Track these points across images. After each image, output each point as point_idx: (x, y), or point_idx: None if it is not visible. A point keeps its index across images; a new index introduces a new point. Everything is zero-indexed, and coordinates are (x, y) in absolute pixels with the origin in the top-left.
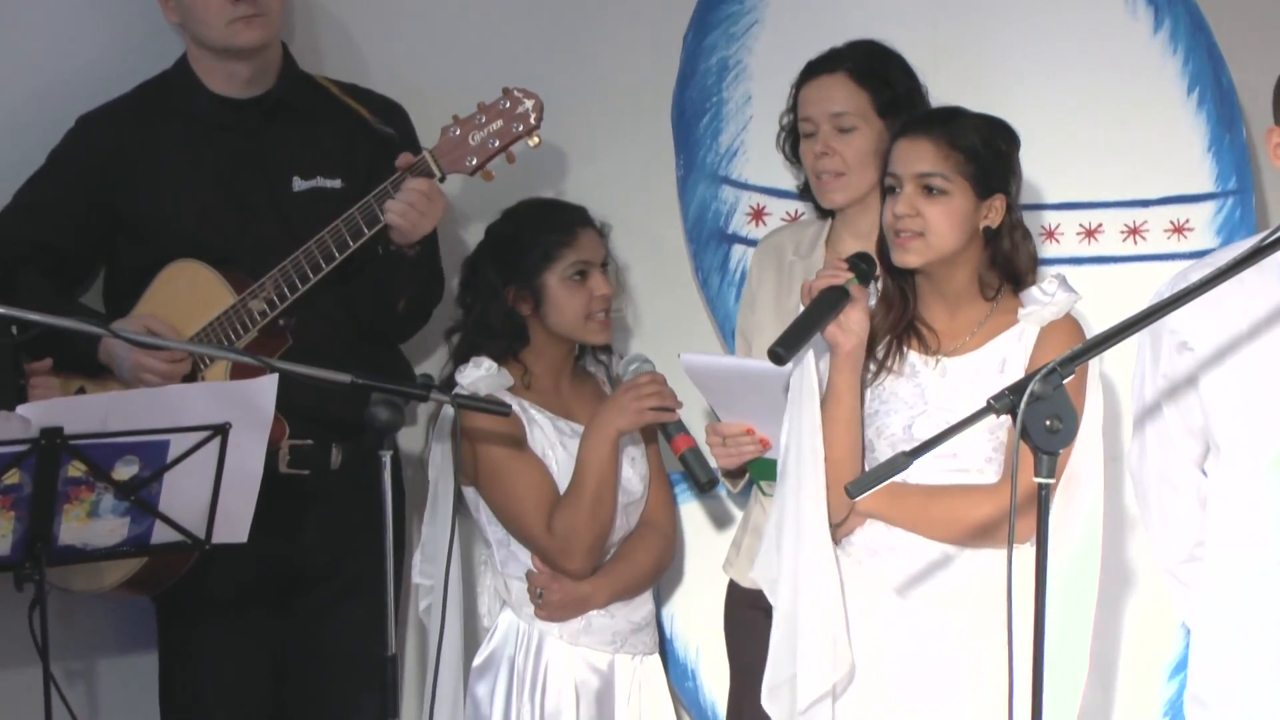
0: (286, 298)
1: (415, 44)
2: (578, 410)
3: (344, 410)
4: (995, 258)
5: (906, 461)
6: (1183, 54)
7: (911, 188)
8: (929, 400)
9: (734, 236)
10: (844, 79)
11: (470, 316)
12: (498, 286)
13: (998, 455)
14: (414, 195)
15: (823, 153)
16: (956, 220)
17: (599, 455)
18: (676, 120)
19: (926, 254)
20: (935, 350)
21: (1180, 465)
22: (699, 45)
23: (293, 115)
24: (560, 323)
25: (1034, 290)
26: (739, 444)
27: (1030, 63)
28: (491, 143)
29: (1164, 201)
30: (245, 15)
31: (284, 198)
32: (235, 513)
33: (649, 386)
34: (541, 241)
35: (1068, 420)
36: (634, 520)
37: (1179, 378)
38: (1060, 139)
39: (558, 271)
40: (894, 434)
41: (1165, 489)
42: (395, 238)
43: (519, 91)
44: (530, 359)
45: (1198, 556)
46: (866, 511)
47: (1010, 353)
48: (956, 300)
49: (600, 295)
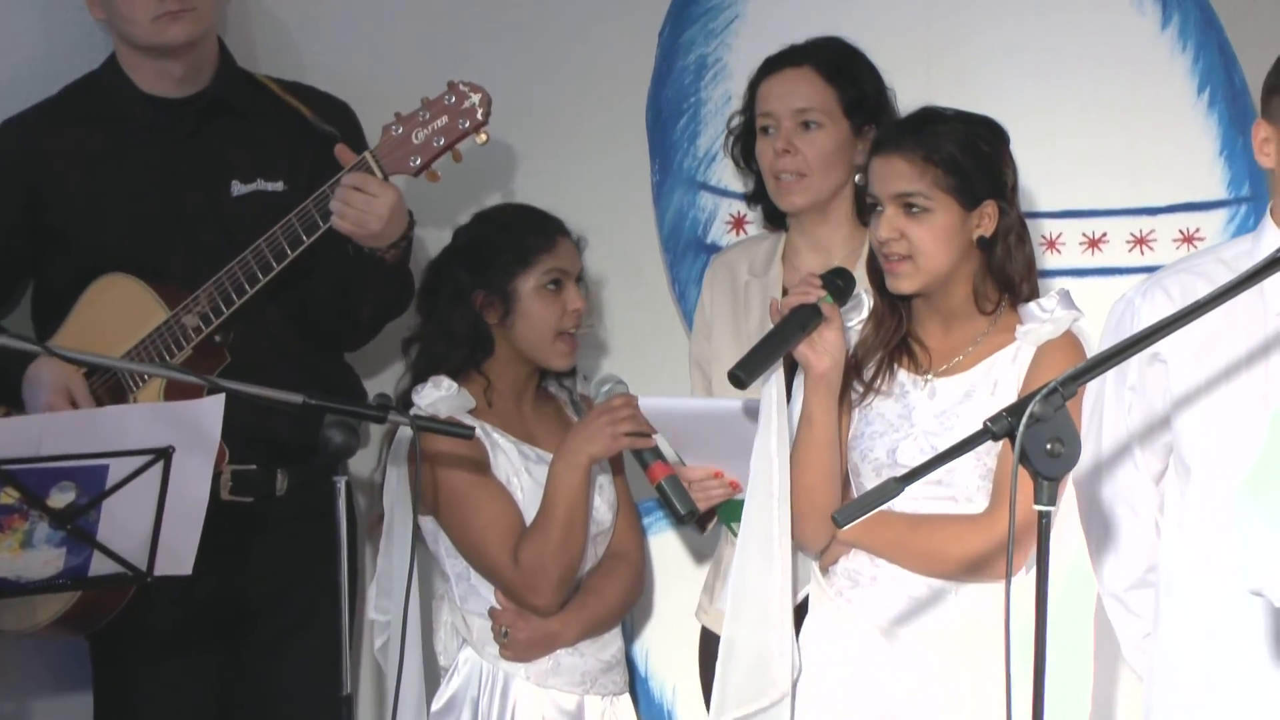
0: (222, 311)
1: (365, 40)
2: (541, 435)
3: (289, 431)
4: (991, 266)
5: (897, 488)
6: (1192, 51)
7: (892, 209)
8: (915, 422)
9: (713, 247)
10: (810, 73)
11: (431, 322)
12: (466, 289)
13: (986, 483)
14: (346, 193)
15: (784, 150)
16: (944, 238)
17: (569, 483)
18: (651, 122)
19: (918, 278)
20: (926, 369)
21: (1140, 484)
22: (675, 42)
23: (231, 115)
24: (528, 335)
25: (1032, 306)
26: (706, 488)
27: (1029, 61)
28: (436, 140)
29: (1172, 209)
30: (172, 10)
31: (222, 203)
32: (179, 543)
33: (623, 410)
34: (517, 244)
35: (1070, 443)
36: (601, 551)
37: (1148, 391)
38: (1061, 142)
39: (533, 278)
40: (878, 458)
41: (1120, 508)
42: (360, 241)
43: (464, 85)
44: (494, 374)
45: (1149, 582)
46: (846, 540)
47: (1003, 374)
48: (952, 316)
49: (574, 309)
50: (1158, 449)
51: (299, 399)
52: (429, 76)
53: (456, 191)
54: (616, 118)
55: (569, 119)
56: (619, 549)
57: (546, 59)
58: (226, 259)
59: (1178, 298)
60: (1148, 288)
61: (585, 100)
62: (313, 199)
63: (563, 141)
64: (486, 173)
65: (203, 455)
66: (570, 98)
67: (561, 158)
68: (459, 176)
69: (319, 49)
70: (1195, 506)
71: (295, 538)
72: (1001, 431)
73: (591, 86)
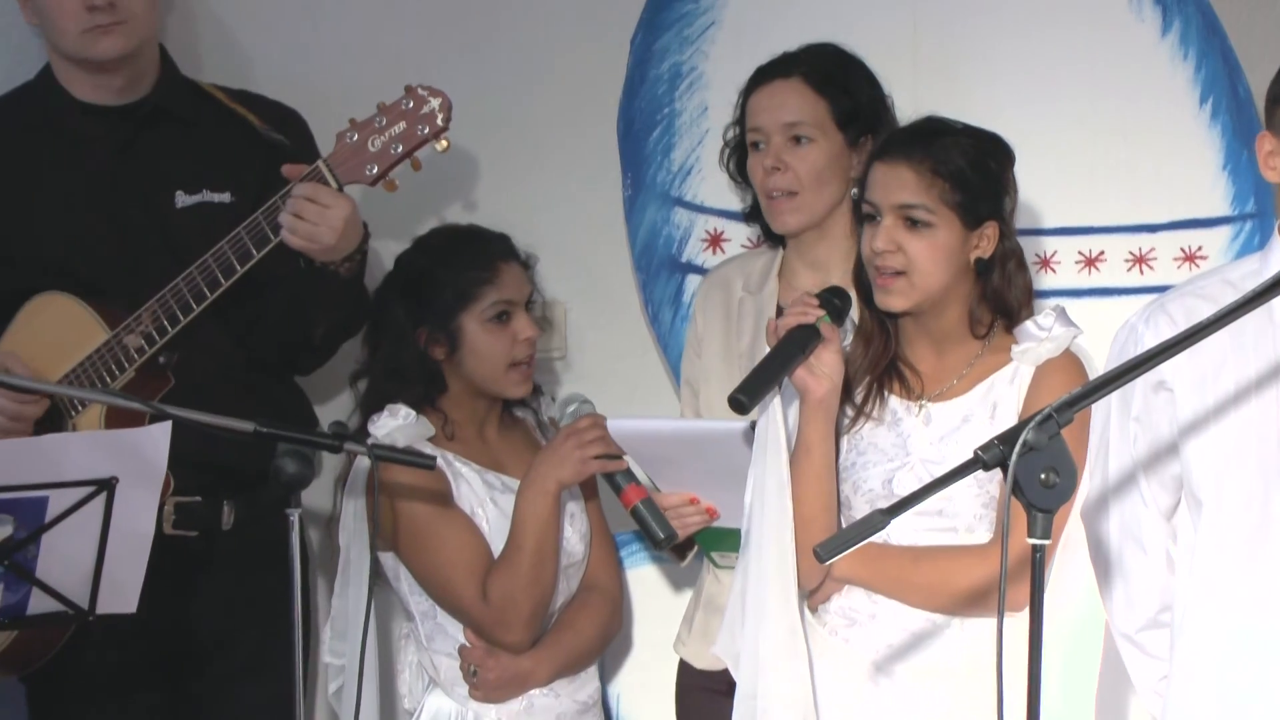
0: (167, 331)
1: (319, 44)
2: (508, 462)
3: (237, 460)
4: (986, 291)
5: (883, 520)
6: (1194, 60)
7: (891, 220)
8: (911, 451)
9: (688, 266)
10: (799, 85)
11: (378, 360)
12: (408, 328)
13: (988, 512)
14: (299, 204)
15: (774, 167)
16: (942, 255)
17: (538, 512)
18: (623, 134)
19: (911, 295)
20: (919, 394)
21: (1148, 519)
22: (649, 49)
23: (174, 123)
24: (478, 369)
25: (1028, 325)
26: (683, 515)
27: (1022, 71)
28: (394, 148)
29: (1173, 226)
30: (102, 24)
31: (166, 215)
32: (123, 579)
33: (591, 431)
34: (458, 279)
35: (1065, 474)
36: (575, 585)
37: (1153, 420)
38: (1056, 156)
39: (476, 313)
40: (872, 489)
41: (1129, 545)
42: (313, 255)
43: (423, 89)
44: (449, 407)
45: (1163, 623)
46: (842, 576)
47: (1002, 396)
48: (944, 339)
49: (525, 339)
50: (1167, 481)
51: (250, 426)
52: (386, 81)
53: (415, 202)
54: (586, 128)
55: (536, 130)
56: (593, 581)
57: (512, 64)
58: (171, 275)
59: (1181, 322)
60: (1150, 312)
61: (553, 110)
62: (262, 211)
63: (529, 154)
64: (447, 183)
65: (147, 486)
66: (537, 107)
67: (528, 170)
68: (418, 186)
69: (269, 53)
70: (1207, 540)
71: (243, 575)
72: (993, 461)
73: (560, 95)
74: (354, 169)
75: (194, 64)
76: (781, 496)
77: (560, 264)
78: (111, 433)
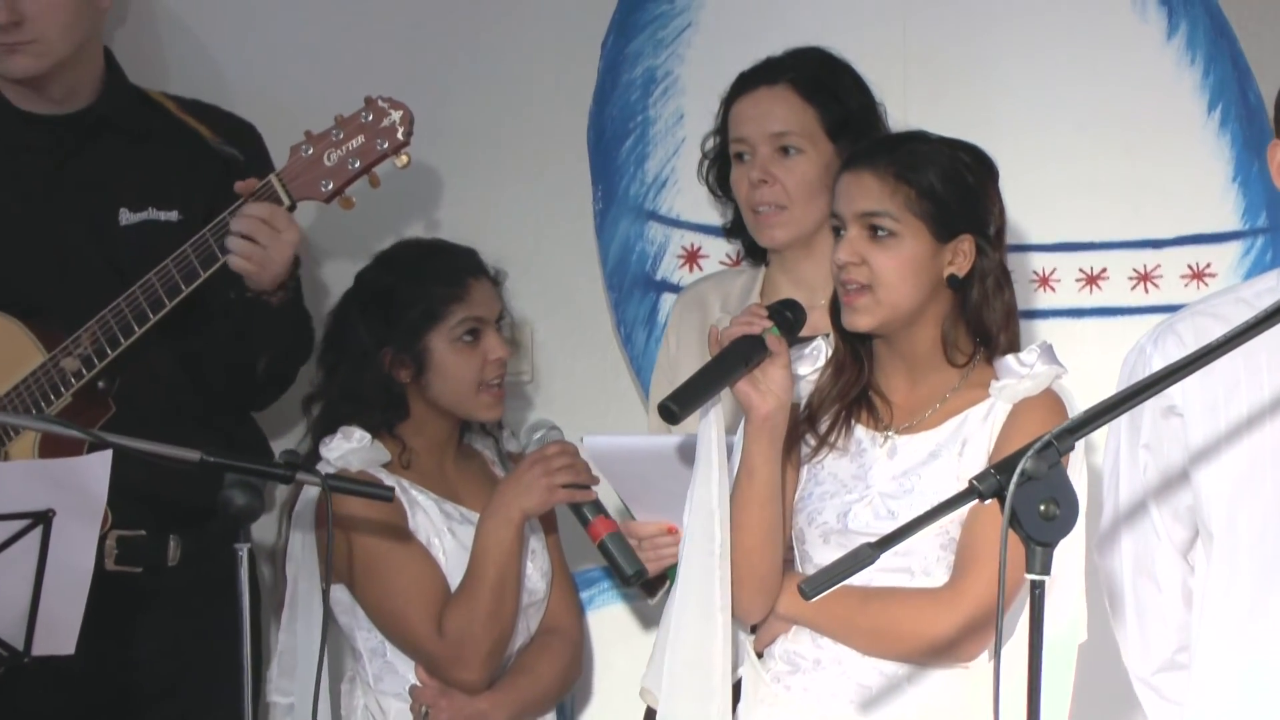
0: (107, 354)
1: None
2: (465, 493)
3: (183, 493)
4: (963, 311)
5: (871, 555)
6: (1202, 64)
7: (855, 230)
8: (870, 483)
9: (663, 284)
10: (786, 92)
11: (335, 382)
12: (371, 348)
13: (946, 554)
14: (252, 225)
15: (760, 180)
16: (909, 269)
17: (500, 543)
18: (594, 143)
19: (877, 312)
20: (888, 425)
21: (1162, 554)
22: (621, 53)
23: (119, 135)
24: (446, 392)
25: (1010, 360)
26: (657, 547)
27: (1019, 74)
28: (351, 163)
29: (1180, 242)
30: (6, 43)
31: (109, 233)
32: (60, 618)
33: (559, 459)
34: (424, 296)
35: (1066, 505)
36: (534, 625)
37: (1163, 448)
38: (1055, 166)
39: (444, 332)
40: (826, 522)
41: (1142, 581)
42: (248, 281)
43: (383, 101)
44: (409, 434)
45: (1180, 664)
46: (786, 615)
47: (973, 433)
48: (919, 367)
49: (495, 359)
50: (1180, 513)
51: (195, 455)
52: (344, 91)
53: (372, 221)
54: (554, 138)
55: (500, 141)
56: (554, 624)
57: (475, 72)
58: (113, 295)
59: (1191, 343)
60: (1160, 333)
61: (519, 120)
62: (210, 228)
63: (492, 165)
64: (407, 200)
65: (86, 519)
66: (502, 116)
67: (491, 183)
68: (376, 204)
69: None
70: (1219, 574)
71: (191, 614)
72: (989, 491)
73: (526, 103)
74: (308, 185)
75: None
76: (724, 516)
77: (527, 282)
78: (47, 462)
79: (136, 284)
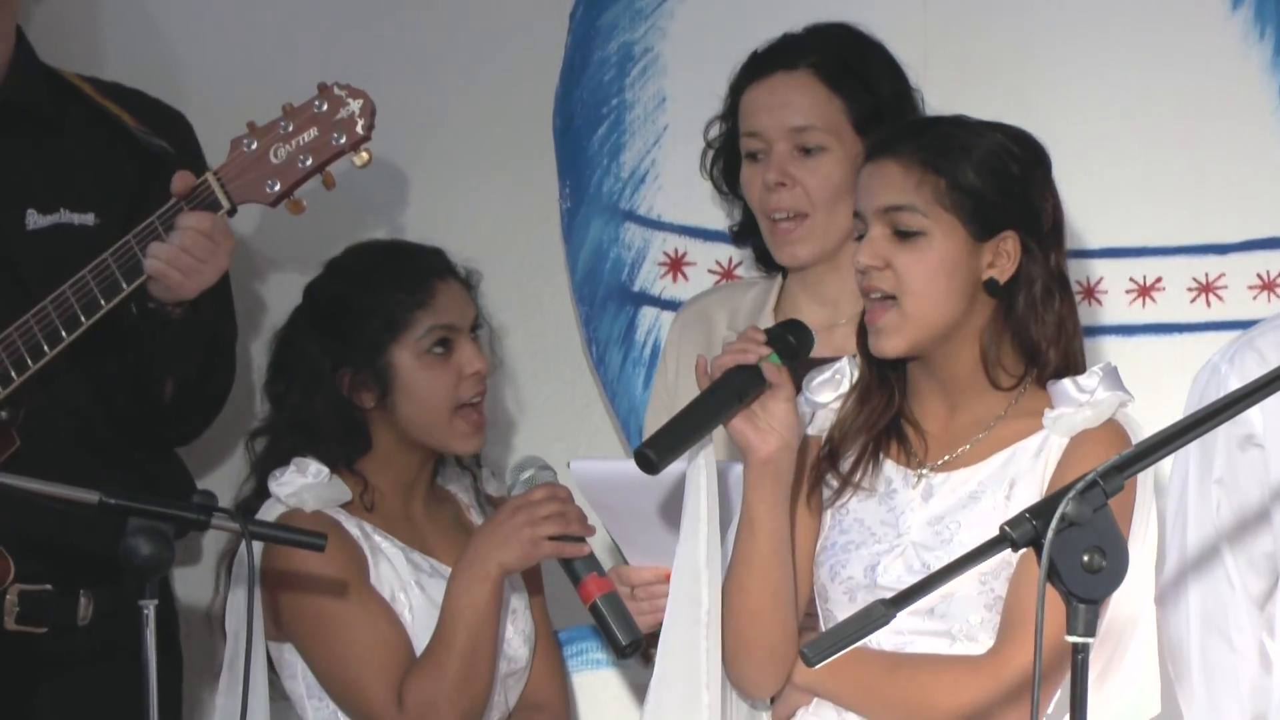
0: (12, 380)
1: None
2: (435, 541)
3: (96, 543)
4: (1008, 323)
5: (886, 614)
6: (1273, 39)
7: (878, 229)
8: (903, 531)
9: (642, 296)
10: (809, 80)
11: (284, 411)
12: (325, 370)
13: (993, 615)
14: (189, 237)
15: (778, 183)
16: (940, 273)
17: (474, 601)
18: (561, 131)
19: (906, 331)
20: (921, 461)
21: (1235, 607)
22: (592, 26)
23: (28, 124)
24: (416, 416)
25: (1067, 385)
26: (653, 596)
27: (1057, 53)
28: (302, 160)
29: (1247, 247)
30: None
31: (14, 238)
32: None
33: (547, 505)
34: (384, 303)
35: (1114, 555)
36: (513, 698)
37: (1240, 484)
38: (1101, 160)
39: (410, 344)
40: (851, 576)
41: (1213, 639)
42: (155, 291)
43: (340, 89)
44: (372, 471)
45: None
46: (805, 685)
47: (1023, 471)
48: (958, 391)
49: (472, 373)
50: (1257, 559)
51: (94, 497)
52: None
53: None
54: (513, 126)
55: (451, 127)
56: (535, 699)
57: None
58: (19, 311)
59: (1275, 362)
60: (1237, 350)
61: (472, 103)
62: (136, 233)
63: (441, 158)
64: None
65: None
66: (452, 99)
67: (443, 179)
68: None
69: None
70: None
71: (103, 678)
72: (1023, 539)
73: (481, 85)
74: (251, 185)
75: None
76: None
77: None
78: None
79: (48, 299)
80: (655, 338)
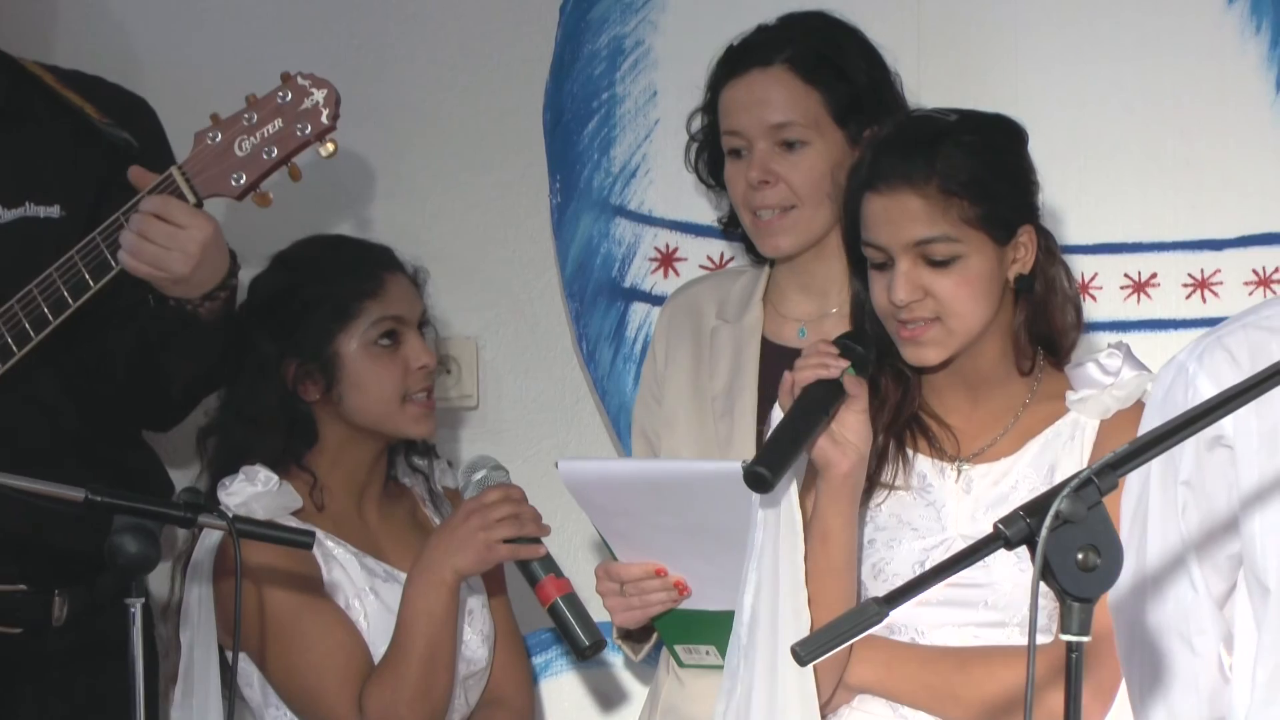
0: None
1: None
2: (388, 544)
3: (71, 541)
4: (1031, 311)
5: (879, 611)
6: (1269, 32)
7: (908, 263)
8: (948, 525)
9: (632, 292)
10: (784, 75)
11: (231, 406)
12: (271, 361)
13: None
14: (145, 221)
15: (761, 180)
16: (981, 288)
17: (431, 608)
18: (550, 126)
19: (950, 343)
20: (954, 454)
21: (1199, 610)
22: (583, 20)
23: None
24: (364, 407)
25: (1089, 367)
26: (643, 591)
27: (1052, 48)
28: (267, 151)
29: (1243, 243)
30: None
31: None
32: None
33: (501, 507)
34: (332, 293)
35: (1108, 553)
36: (474, 698)
37: (1207, 486)
38: (1096, 153)
39: (357, 335)
40: (897, 573)
41: (1174, 643)
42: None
43: (304, 79)
44: (322, 466)
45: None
46: (860, 685)
47: (1062, 457)
48: (984, 383)
49: (420, 367)
50: (1221, 563)
51: (80, 494)
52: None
53: (293, 220)
54: (503, 120)
55: (439, 121)
56: (498, 695)
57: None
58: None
59: (1245, 362)
60: (1205, 348)
61: (461, 96)
62: (101, 230)
63: (430, 152)
64: (333, 195)
65: None
66: (441, 93)
67: (430, 174)
68: (288, 188)
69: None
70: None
71: (79, 680)
72: (1017, 537)
73: (470, 78)
74: (216, 178)
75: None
76: (798, 598)
77: (471, 291)
78: None
79: (15, 297)
80: (646, 334)
